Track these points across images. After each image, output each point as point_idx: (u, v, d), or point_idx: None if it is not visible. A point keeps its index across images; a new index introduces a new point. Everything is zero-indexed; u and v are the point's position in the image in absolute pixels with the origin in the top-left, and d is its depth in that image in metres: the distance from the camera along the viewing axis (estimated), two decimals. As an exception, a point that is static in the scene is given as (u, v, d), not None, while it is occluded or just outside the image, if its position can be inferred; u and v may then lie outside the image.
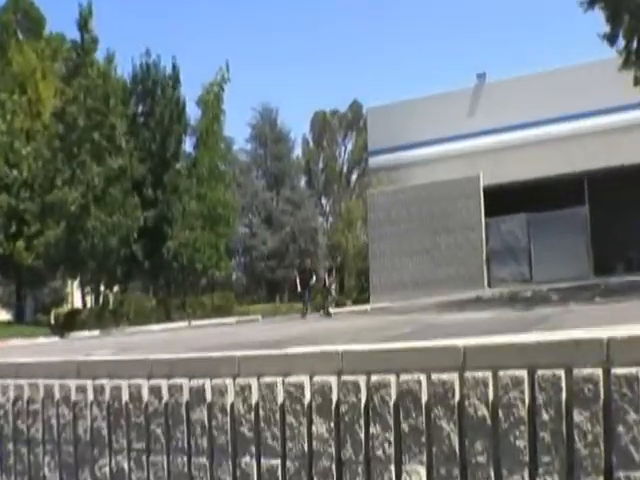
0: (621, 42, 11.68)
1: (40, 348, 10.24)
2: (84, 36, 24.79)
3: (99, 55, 25.54)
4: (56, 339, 16.29)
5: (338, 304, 21.12)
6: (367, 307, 17.07)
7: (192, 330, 14.11)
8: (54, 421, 3.19)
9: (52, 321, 27.33)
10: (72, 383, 3.22)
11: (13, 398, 3.47)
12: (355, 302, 23.03)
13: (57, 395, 3.23)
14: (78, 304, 30.79)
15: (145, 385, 2.83)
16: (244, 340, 6.62)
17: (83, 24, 24.78)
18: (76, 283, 30.99)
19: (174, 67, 26.05)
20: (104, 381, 3.04)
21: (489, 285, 17.51)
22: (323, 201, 45.28)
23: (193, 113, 27.19)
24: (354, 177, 43.32)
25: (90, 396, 3.06)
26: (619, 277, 14.47)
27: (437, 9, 65.87)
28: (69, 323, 23.85)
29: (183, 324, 18.01)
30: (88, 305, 28.64)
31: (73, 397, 3.15)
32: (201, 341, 7.49)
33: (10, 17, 29.70)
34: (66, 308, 31.29)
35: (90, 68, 24.47)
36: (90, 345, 9.75)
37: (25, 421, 3.33)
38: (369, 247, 20.87)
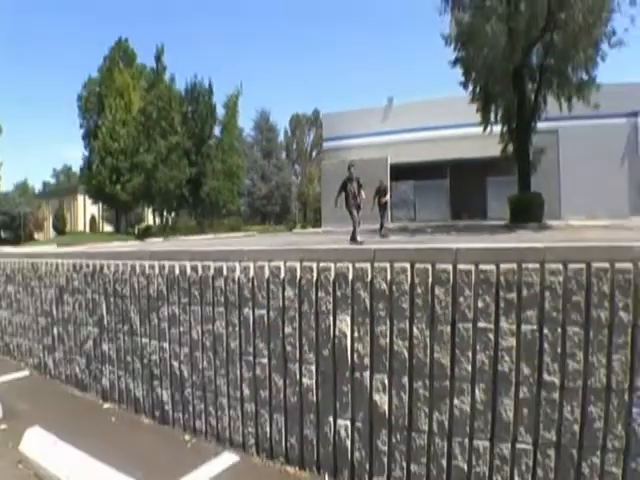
0: (469, 87, 19.73)
1: (128, 246, 12.72)
2: (158, 65, 42.92)
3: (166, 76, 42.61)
4: (138, 242, 22.06)
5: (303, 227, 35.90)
6: (320, 229, 26.31)
7: (217, 239, 19.39)
8: (136, 285, 4.35)
9: (136, 232, 41.83)
10: (146, 263, 4.47)
11: (113, 271, 4.69)
12: (313, 227, 35.85)
13: (138, 270, 4.37)
14: (151, 222, 47.63)
15: (188, 265, 3.90)
16: (246, 244, 8.11)
17: (158, 57, 43.52)
18: (150, 210, 47.05)
19: (209, 83, 42.55)
20: (165, 262, 4.25)
21: (391, 221, 25.21)
22: (296, 167, 68.66)
23: (220, 112, 42.88)
24: (314, 154, 64.79)
25: (157, 271, 4.21)
26: (464, 221, 24.00)
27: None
28: (145, 233, 37.41)
29: (211, 236, 25.80)
30: (156, 223, 44.67)
31: (147, 271, 4.35)
32: (222, 243, 10.66)
33: (115, 54, 47.90)
34: (144, 224, 47.59)
35: (161, 83, 41.13)
36: (157, 244, 13.94)
37: (120, 284, 4.55)
38: (321, 194, 32.66)
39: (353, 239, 11.10)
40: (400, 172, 26.77)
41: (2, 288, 6.85)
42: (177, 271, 3.97)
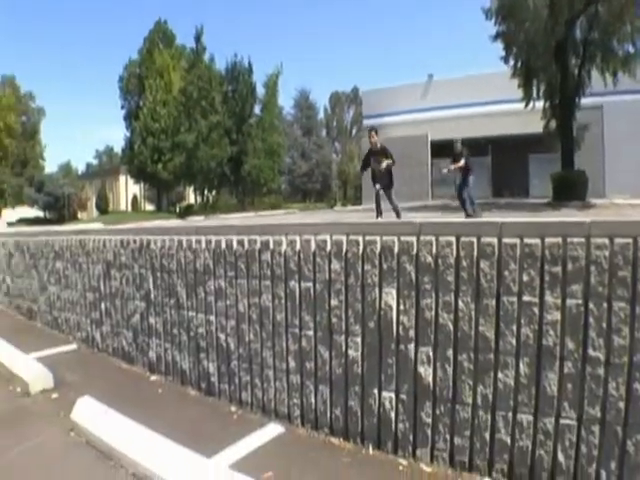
0: (510, 62, 20.35)
1: (171, 223, 13.31)
2: (197, 45, 45.18)
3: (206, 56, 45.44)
4: (180, 220, 24.69)
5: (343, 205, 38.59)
6: (360, 207, 27.53)
7: (258, 217, 21.82)
8: (182, 260, 4.68)
9: (177, 210, 45.07)
10: (193, 238, 4.78)
11: (160, 246, 5.03)
12: (353, 204, 39.49)
13: (184, 244, 4.70)
14: (192, 201, 51.23)
15: (235, 239, 4.20)
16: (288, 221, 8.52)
17: (197, 38, 45.58)
18: (191, 189, 50.48)
19: (249, 63, 45.16)
20: (211, 236, 4.57)
21: (432, 198, 28.83)
22: (336, 144, 73.05)
23: (260, 91, 45.99)
24: (354, 131, 69.00)
25: (203, 245, 4.52)
26: (505, 199, 24.87)
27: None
28: (187, 212, 40.39)
29: (252, 213, 28.99)
30: (197, 202, 47.95)
31: (193, 246, 4.68)
32: (263, 220, 11.17)
33: (155, 35, 51.39)
34: (185, 203, 51.14)
35: (201, 64, 43.37)
36: (200, 221, 14.51)
37: (167, 259, 4.91)
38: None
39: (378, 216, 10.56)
40: (440, 149, 26.95)
41: (51, 265, 7.37)
42: (224, 245, 4.27)
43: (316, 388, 3.70)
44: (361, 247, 3.37)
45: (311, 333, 3.67)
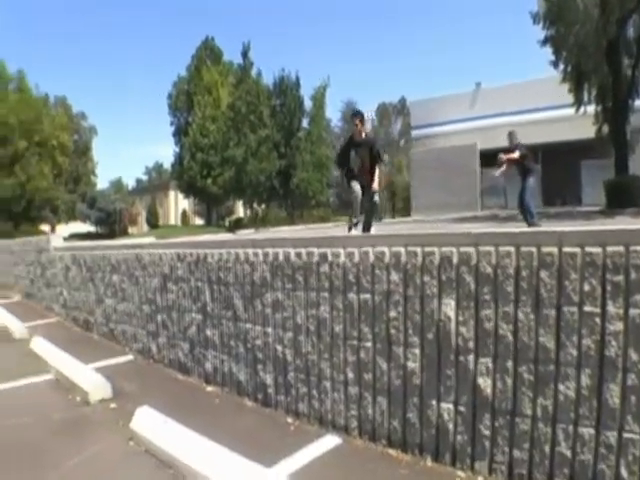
0: (560, 66, 20.73)
1: (220, 238, 13.75)
2: (245, 60, 46.65)
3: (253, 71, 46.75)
4: (229, 234, 24.96)
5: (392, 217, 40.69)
6: (410, 219, 28.42)
7: (307, 230, 21.84)
8: (239, 272, 4.97)
9: (227, 224, 47.22)
10: (250, 250, 5.04)
11: (216, 259, 5.36)
12: (402, 216, 40.40)
13: (242, 257, 4.98)
14: (241, 214, 53.57)
15: (292, 251, 4.49)
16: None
17: (244, 53, 46.89)
18: (240, 202, 52.20)
19: (297, 76, 46.44)
20: (268, 249, 4.84)
21: (481, 209, 29.35)
22: (384, 157, 73.47)
23: (307, 104, 47.03)
24: (402, 142, 69.80)
25: (261, 258, 4.83)
26: (557, 207, 25.15)
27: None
28: (236, 225, 42.41)
29: (301, 226, 29.02)
30: (246, 215, 49.63)
31: (251, 258, 4.98)
32: (312, 233, 11.29)
33: (202, 52, 54.92)
34: (234, 217, 53.33)
35: (248, 79, 45.32)
36: (250, 235, 14.54)
37: (223, 272, 5.20)
38: (411, 183, 37.41)
39: (351, 228, 8.86)
40: (490, 158, 27.81)
41: (107, 278, 7.81)
42: (281, 258, 4.53)
43: (374, 399, 3.88)
44: (420, 258, 3.56)
45: (369, 345, 3.86)
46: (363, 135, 8.78)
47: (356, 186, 8.64)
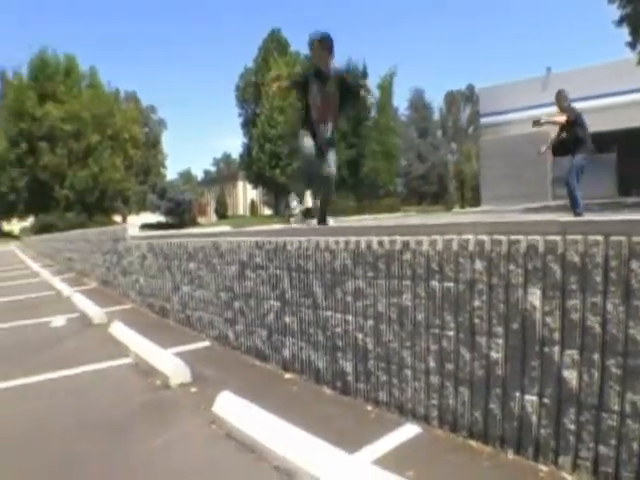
0: (638, 47, 20.53)
1: (297, 226, 14.22)
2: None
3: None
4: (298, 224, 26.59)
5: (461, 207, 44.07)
6: (478, 209, 29.34)
7: (377, 220, 22.55)
8: (319, 260, 5.28)
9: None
10: (330, 238, 5.31)
11: (296, 247, 5.68)
12: (470, 206, 41.14)
13: (322, 245, 5.34)
14: (309, 204, 56.85)
15: (375, 239, 4.77)
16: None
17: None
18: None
19: (364, 65, 49.09)
20: (350, 237, 5.12)
21: (552, 199, 29.50)
22: (452, 145, 75.59)
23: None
24: (471, 130, 71.30)
25: (342, 246, 5.16)
26: (633, 198, 25.10)
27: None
28: (305, 215, 45.46)
29: (370, 216, 30.48)
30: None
31: (331, 246, 5.31)
32: (382, 223, 11.34)
33: (269, 44, 59.41)
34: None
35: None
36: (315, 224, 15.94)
37: (303, 260, 5.53)
38: (480, 172, 37.82)
39: (291, 215, 7.71)
40: None
41: (184, 266, 8.32)
42: (363, 246, 4.79)
43: (456, 389, 4.08)
44: (505, 247, 3.73)
45: (452, 334, 4.07)
46: (330, 67, 6.71)
47: (308, 141, 6.73)
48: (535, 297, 3.60)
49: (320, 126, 6.74)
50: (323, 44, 6.57)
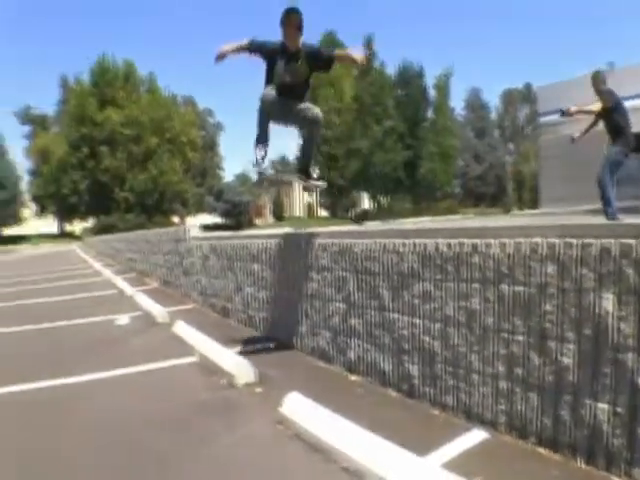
0: None
1: (348, 228, 14.38)
2: (366, 52, 48.89)
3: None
4: (356, 226, 26.17)
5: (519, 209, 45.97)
6: (538, 211, 29.47)
7: (435, 222, 21.72)
8: (387, 262, 5.44)
9: (351, 216, 52.89)
10: (397, 241, 5.52)
11: (361, 249, 5.88)
12: (529, 208, 40.72)
13: (389, 248, 5.47)
14: (365, 206, 60.70)
15: (442, 242, 4.86)
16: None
17: (367, 45, 52.22)
18: (364, 194, 59.96)
19: (420, 66, 50.72)
20: (417, 239, 5.25)
21: (617, 200, 24.63)
22: (509, 145, 76.25)
23: (431, 93, 51.22)
24: (529, 130, 70.13)
25: (409, 248, 5.32)
26: None
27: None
28: (362, 216, 47.12)
29: (428, 218, 31.43)
30: (370, 207, 56.66)
31: (398, 249, 5.45)
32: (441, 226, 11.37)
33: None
34: (360, 209, 60.47)
35: (372, 70, 50.72)
36: (378, 226, 16.01)
37: (369, 262, 5.71)
38: (539, 173, 38.15)
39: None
40: None
41: (247, 267, 8.61)
42: (430, 248, 4.91)
43: (525, 395, 4.16)
44: (577, 250, 3.80)
45: (521, 338, 4.16)
46: (299, 44, 6.24)
47: (271, 90, 6.14)
48: (609, 302, 3.65)
49: (285, 91, 6.16)
50: (293, 20, 6.08)
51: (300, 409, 4.79)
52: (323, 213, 69.20)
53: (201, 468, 4.24)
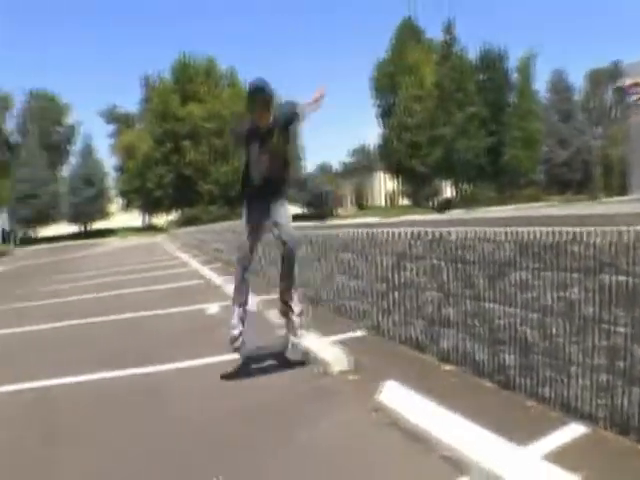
0: None
1: (430, 217, 14.33)
2: (448, 37, 53.09)
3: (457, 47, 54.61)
4: (437, 215, 25.38)
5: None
6: (627, 197, 28.15)
7: (520, 210, 22.36)
8: (481, 251, 5.51)
9: (433, 204, 53.73)
10: (493, 229, 5.51)
11: (456, 237, 5.93)
12: (618, 195, 39.77)
13: (484, 236, 5.50)
14: (446, 195, 61.83)
15: (540, 230, 4.85)
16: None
17: (447, 29, 54.05)
18: (445, 182, 60.72)
19: (502, 49, 49.90)
20: (514, 228, 5.31)
21: None
22: (596, 129, 73.71)
23: (514, 76, 49.64)
24: (618, 111, 68.30)
25: (505, 236, 5.33)
26: None
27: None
28: (445, 205, 48.44)
29: (512, 207, 30.65)
30: (452, 195, 57.37)
31: (494, 237, 5.44)
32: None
33: (402, 33, 63.48)
34: (442, 197, 62.64)
35: (453, 55, 50.48)
36: (461, 215, 16.92)
37: (464, 251, 5.81)
38: (629, 157, 37.68)
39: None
40: None
41: (338, 256, 8.85)
42: (528, 236, 4.97)
43: (627, 389, 4.17)
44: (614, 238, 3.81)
45: (623, 330, 4.17)
46: (271, 120, 6.15)
47: (245, 243, 6.49)
48: None
49: (262, 195, 6.26)
50: (260, 101, 6.04)
51: (398, 397, 4.98)
52: (405, 202, 69.60)
53: (296, 453, 4.51)
